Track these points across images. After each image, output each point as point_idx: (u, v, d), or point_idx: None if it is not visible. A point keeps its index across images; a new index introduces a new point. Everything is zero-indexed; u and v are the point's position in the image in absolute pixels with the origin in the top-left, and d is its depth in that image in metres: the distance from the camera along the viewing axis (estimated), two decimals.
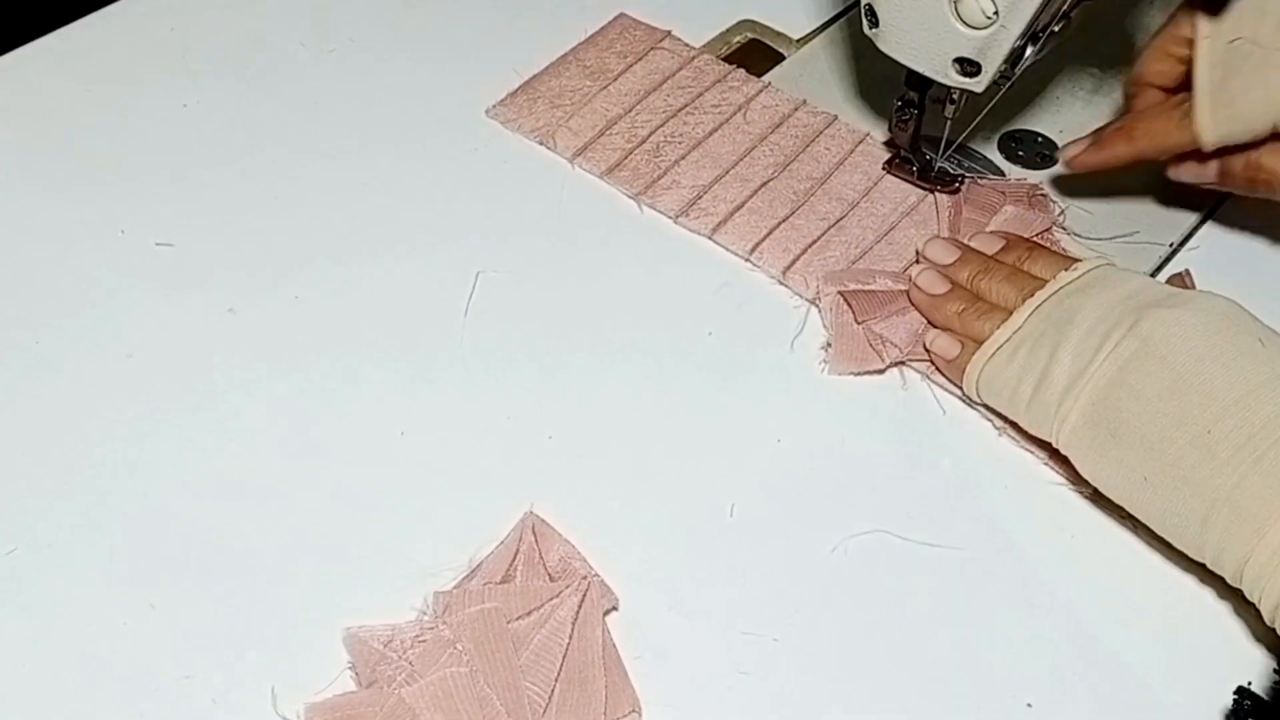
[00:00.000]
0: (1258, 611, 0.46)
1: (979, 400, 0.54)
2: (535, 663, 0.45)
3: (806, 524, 0.51)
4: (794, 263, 0.59)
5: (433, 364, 0.55)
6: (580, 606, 0.46)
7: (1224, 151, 0.56)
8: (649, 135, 0.64)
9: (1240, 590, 0.46)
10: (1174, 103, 0.57)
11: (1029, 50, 0.54)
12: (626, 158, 0.63)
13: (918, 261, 0.58)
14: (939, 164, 0.62)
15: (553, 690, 0.44)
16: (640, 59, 0.67)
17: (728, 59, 0.69)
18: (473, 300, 0.57)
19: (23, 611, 0.47)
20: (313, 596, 0.48)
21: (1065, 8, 0.55)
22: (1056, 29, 0.55)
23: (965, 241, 0.58)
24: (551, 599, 0.46)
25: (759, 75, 0.68)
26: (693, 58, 0.68)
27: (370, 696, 0.44)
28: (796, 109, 0.66)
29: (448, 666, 0.44)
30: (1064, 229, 0.61)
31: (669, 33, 0.69)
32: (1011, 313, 0.52)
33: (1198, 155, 0.57)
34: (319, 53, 0.68)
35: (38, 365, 0.54)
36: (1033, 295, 0.52)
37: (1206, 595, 0.50)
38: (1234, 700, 0.45)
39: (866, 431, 0.54)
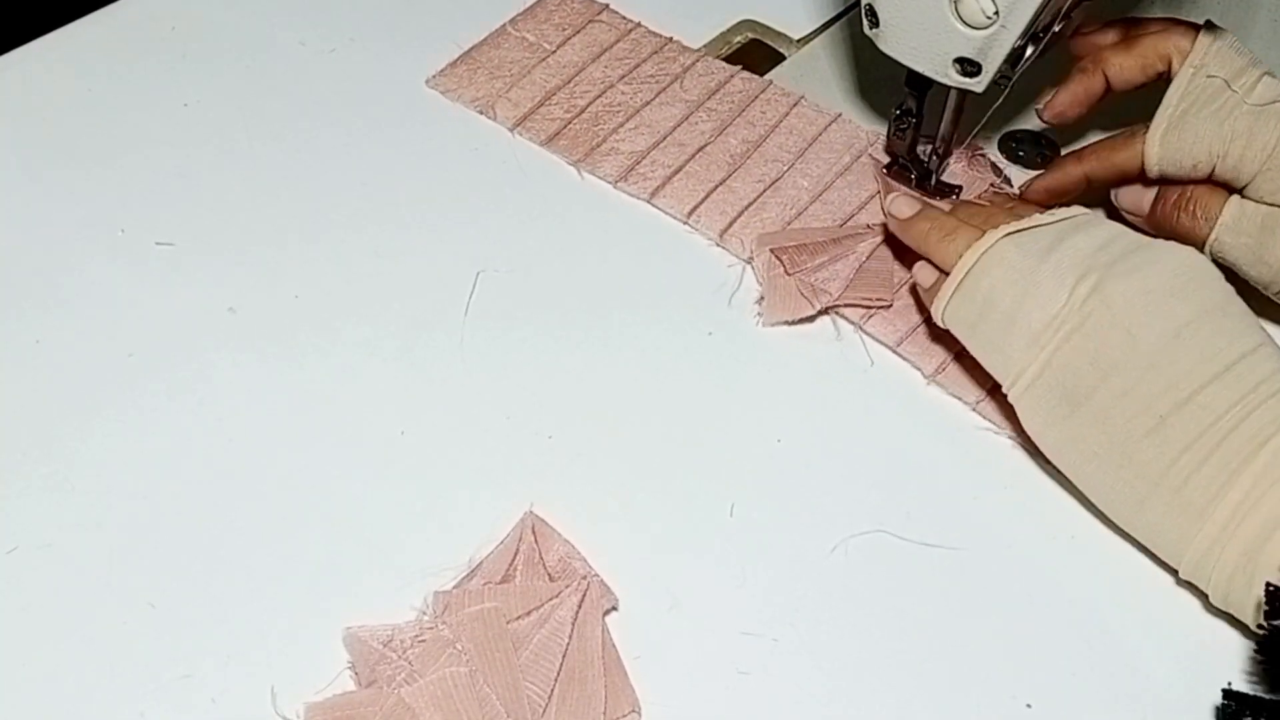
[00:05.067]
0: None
1: (943, 325, 0.53)
2: (535, 663, 0.45)
3: (806, 523, 0.51)
4: (731, 225, 0.60)
5: (433, 363, 0.55)
6: (580, 606, 0.46)
7: (1163, 183, 0.56)
8: (588, 105, 0.65)
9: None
10: (1129, 130, 0.57)
11: (1029, 50, 0.54)
12: (565, 127, 0.64)
13: (868, 229, 0.59)
14: (937, 178, 0.62)
15: (552, 690, 0.44)
16: (579, 31, 0.69)
17: (728, 59, 0.69)
18: (473, 299, 0.57)
19: (23, 611, 0.47)
20: (312, 596, 0.48)
21: (1065, 8, 0.55)
22: (1056, 29, 0.55)
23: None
24: (551, 599, 0.46)
25: (760, 75, 0.68)
26: (630, 30, 0.69)
27: (370, 696, 0.44)
28: (733, 76, 0.67)
29: (447, 666, 0.44)
30: (1003, 190, 0.62)
31: (606, 5, 0.70)
32: (985, 233, 0.51)
33: (1141, 180, 0.57)
34: (320, 52, 0.68)
35: (38, 365, 0.54)
36: (1006, 225, 0.51)
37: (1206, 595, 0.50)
38: (1223, 705, 0.45)
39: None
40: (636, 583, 0.48)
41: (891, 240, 0.59)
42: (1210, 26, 0.55)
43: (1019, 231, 0.51)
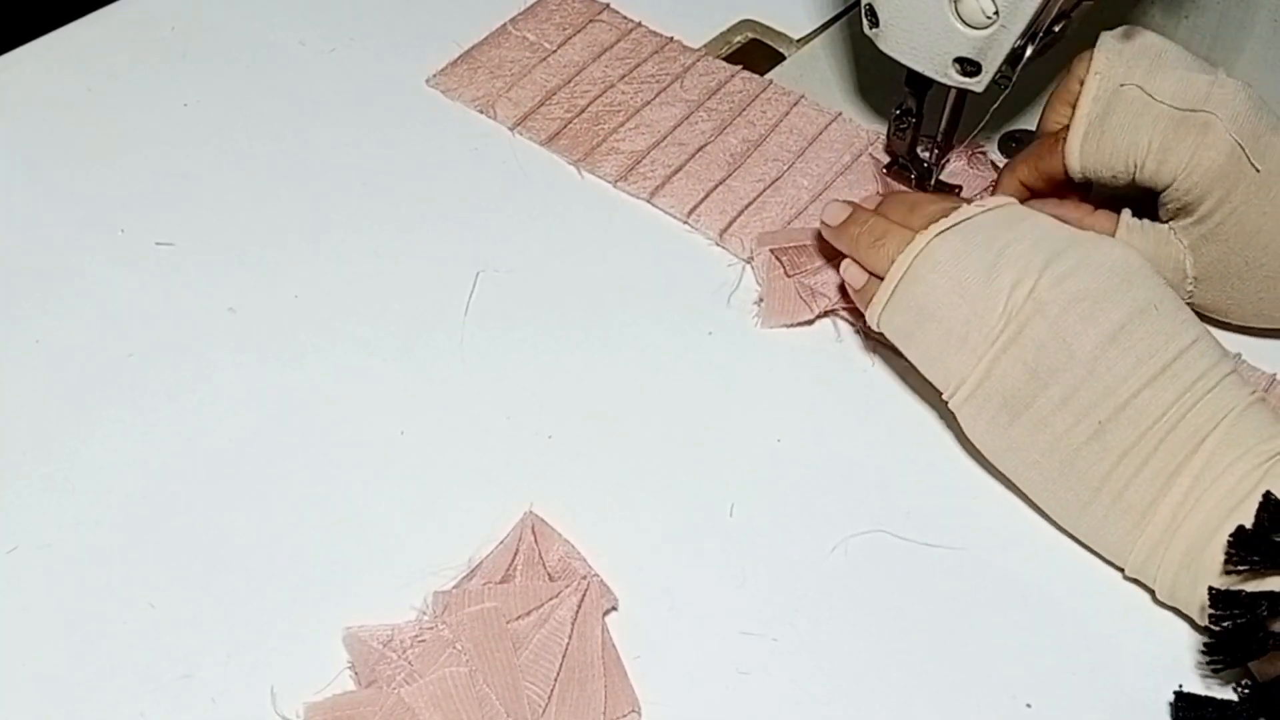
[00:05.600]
0: None
1: (877, 330, 0.53)
2: (535, 662, 0.45)
3: (806, 523, 0.51)
4: (730, 224, 0.61)
5: (433, 363, 0.55)
6: (580, 606, 0.46)
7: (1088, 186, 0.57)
8: (588, 105, 0.65)
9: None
10: (1056, 134, 0.57)
11: (1029, 50, 0.54)
12: (566, 126, 0.64)
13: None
14: (937, 177, 0.62)
15: (552, 690, 0.44)
16: (579, 31, 0.69)
17: (728, 59, 0.69)
18: (473, 299, 0.57)
19: (23, 611, 0.47)
20: (312, 596, 0.48)
21: (1065, 8, 0.55)
22: (1056, 29, 0.55)
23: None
24: (551, 599, 0.46)
25: (760, 75, 0.68)
26: (630, 30, 0.69)
27: (370, 696, 0.44)
28: (733, 76, 0.67)
29: (447, 666, 0.44)
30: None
31: (607, 5, 0.70)
32: (915, 235, 0.51)
33: (1069, 184, 0.57)
34: (320, 52, 0.68)
35: (38, 365, 0.54)
36: (935, 223, 0.50)
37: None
38: (1174, 704, 0.46)
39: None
40: (636, 583, 0.48)
41: None
42: (1118, 31, 0.55)
43: (948, 229, 0.50)
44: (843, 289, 0.57)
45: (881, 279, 0.52)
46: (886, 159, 0.63)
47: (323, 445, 0.52)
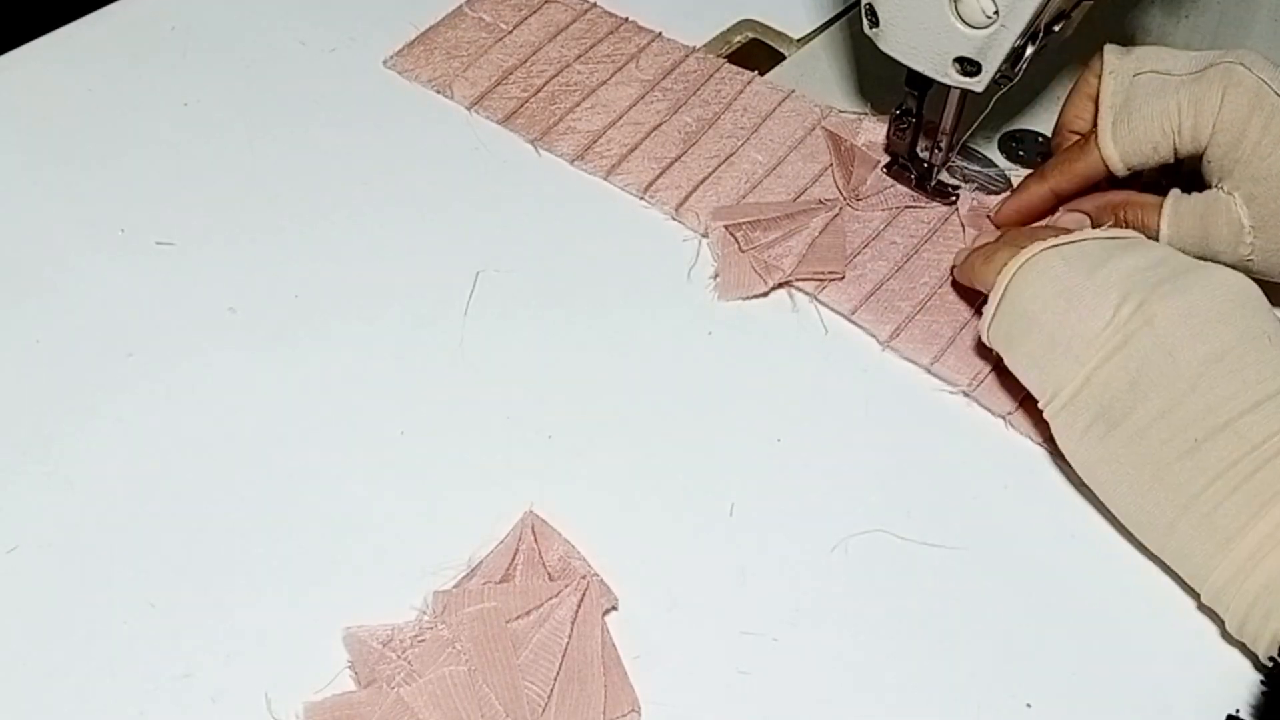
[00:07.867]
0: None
1: (989, 345, 0.52)
2: (534, 662, 0.45)
3: (806, 523, 0.51)
4: (686, 199, 0.61)
5: (433, 363, 0.55)
6: (579, 606, 0.46)
7: (1131, 181, 0.57)
8: (545, 84, 0.66)
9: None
10: (1081, 140, 0.57)
11: (1029, 50, 0.55)
12: (523, 106, 0.65)
13: (820, 204, 0.61)
14: (937, 177, 0.62)
15: (552, 690, 0.44)
16: (535, 12, 0.70)
17: (729, 59, 0.69)
18: (474, 297, 0.58)
19: (23, 611, 0.47)
20: (312, 596, 0.48)
21: (1065, 8, 0.55)
22: (1056, 29, 0.55)
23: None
24: (551, 598, 0.46)
25: (760, 75, 0.68)
26: (586, 10, 0.70)
27: (369, 696, 0.44)
28: (687, 56, 0.68)
29: (447, 666, 0.44)
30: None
31: None
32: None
33: (1110, 183, 0.57)
34: (320, 52, 0.68)
35: (38, 364, 0.54)
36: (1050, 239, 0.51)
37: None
38: None
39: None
40: (636, 583, 0.48)
41: (846, 216, 0.61)
42: (1119, 47, 0.56)
43: (1062, 245, 0.50)
44: (796, 260, 0.58)
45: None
46: (838, 132, 0.64)
47: (323, 445, 0.52)
